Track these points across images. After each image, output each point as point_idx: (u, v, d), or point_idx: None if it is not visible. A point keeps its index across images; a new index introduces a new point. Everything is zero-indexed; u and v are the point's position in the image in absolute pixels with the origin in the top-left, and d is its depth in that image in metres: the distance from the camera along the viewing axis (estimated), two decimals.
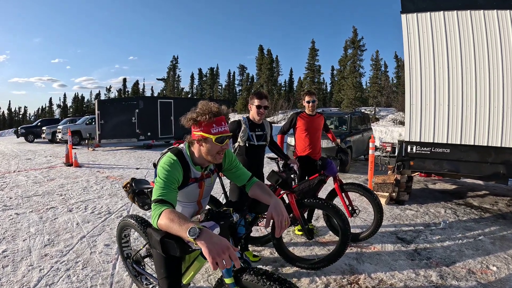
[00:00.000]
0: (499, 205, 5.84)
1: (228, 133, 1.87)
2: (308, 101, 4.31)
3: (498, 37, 5.09)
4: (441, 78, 5.41)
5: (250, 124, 3.41)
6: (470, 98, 5.25)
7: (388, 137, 19.37)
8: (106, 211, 5.26)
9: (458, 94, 5.31)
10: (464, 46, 5.30)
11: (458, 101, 5.31)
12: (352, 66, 37.02)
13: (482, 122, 5.19)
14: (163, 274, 1.89)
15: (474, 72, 5.22)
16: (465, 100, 5.28)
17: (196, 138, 1.86)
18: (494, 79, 5.11)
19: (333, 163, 3.85)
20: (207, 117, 1.80)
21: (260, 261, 3.55)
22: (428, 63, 5.49)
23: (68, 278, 3.11)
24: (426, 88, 5.50)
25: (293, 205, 3.30)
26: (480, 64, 5.20)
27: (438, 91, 5.44)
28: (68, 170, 9.45)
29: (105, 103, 17.90)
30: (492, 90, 5.12)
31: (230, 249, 1.36)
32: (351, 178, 8.19)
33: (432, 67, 5.46)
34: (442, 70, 5.41)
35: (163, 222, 1.53)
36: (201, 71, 61.73)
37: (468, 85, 5.26)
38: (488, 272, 3.35)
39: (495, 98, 5.10)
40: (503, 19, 5.07)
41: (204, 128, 1.82)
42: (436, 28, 5.48)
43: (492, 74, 5.11)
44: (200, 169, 1.97)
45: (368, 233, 4.00)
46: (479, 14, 5.21)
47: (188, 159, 1.92)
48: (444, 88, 5.39)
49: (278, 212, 1.78)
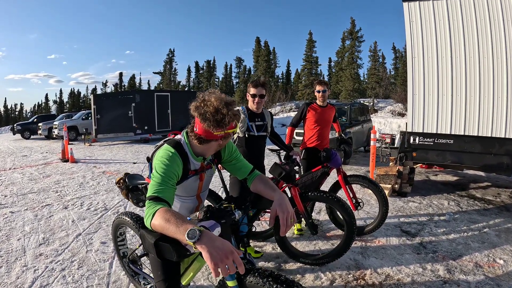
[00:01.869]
0: (502, 197, 5.76)
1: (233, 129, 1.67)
2: (319, 91, 4.18)
3: (502, 25, 4.96)
4: (444, 68, 5.29)
5: (249, 114, 3.28)
6: (474, 88, 5.13)
7: (387, 129, 19.28)
8: (103, 207, 5.14)
9: (462, 83, 5.19)
10: (467, 35, 5.17)
11: (461, 91, 5.20)
12: (350, 57, 36.74)
13: (486, 112, 5.08)
14: (160, 277, 1.76)
15: (478, 61, 5.10)
16: (468, 90, 5.16)
17: (202, 129, 1.66)
18: (498, 68, 4.99)
19: (337, 155, 3.73)
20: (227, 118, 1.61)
21: (262, 257, 3.45)
22: (431, 52, 5.36)
23: (63, 279, 3.00)
24: (429, 78, 5.38)
25: (296, 199, 3.18)
26: (484, 53, 5.07)
27: (441, 80, 5.32)
28: (64, 166, 9.31)
29: (101, 97, 17.68)
30: (496, 79, 5.00)
31: (234, 253, 1.22)
32: (351, 170, 8.09)
33: (435, 56, 5.34)
34: (445, 59, 5.29)
35: (158, 222, 1.37)
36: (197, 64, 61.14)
37: (471, 74, 5.14)
38: (496, 266, 3.26)
39: (499, 88, 4.99)
40: (507, 7, 4.93)
41: None
42: (438, 16, 5.34)
43: (496, 63, 4.99)
44: (201, 159, 1.82)
45: (373, 226, 3.90)
46: (483, 2, 5.07)
47: (187, 150, 1.76)
48: (447, 78, 5.27)
49: (283, 208, 1.63)
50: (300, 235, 4.03)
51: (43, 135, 19.53)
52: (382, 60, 41.35)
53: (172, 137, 1.87)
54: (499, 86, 4.99)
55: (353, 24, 37.08)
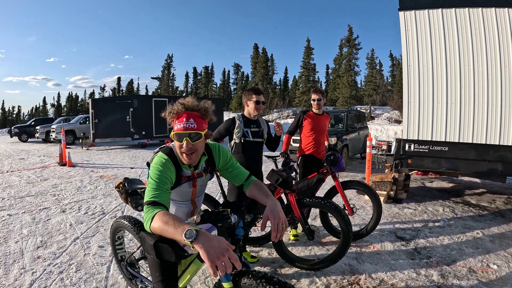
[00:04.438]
0: (496, 203, 5.82)
1: (189, 130, 1.71)
2: (314, 99, 4.25)
3: (496, 34, 5.07)
4: (439, 76, 5.38)
5: (244, 121, 3.34)
6: (468, 95, 5.22)
7: (384, 136, 19.40)
8: (100, 212, 5.16)
9: (456, 91, 5.28)
10: (462, 44, 5.27)
11: (456, 99, 5.28)
12: (348, 64, 37.02)
13: (480, 120, 5.16)
14: (158, 278, 1.80)
15: (472, 69, 5.19)
16: (463, 98, 5.25)
17: (171, 136, 1.79)
18: (492, 77, 5.09)
19: (342, 160, 3.80)
20: (172, 115, 1.75)
21: (258, 262, 3.48)
22: (426, 60, 5.45)
23: (61, 282, 3.02)
24: (424, 86, 5.47)
25: (293, 205, 3.23)
26: (478, 61, 5.17)
27: (436, 89, 5.40)
28: (61, 169, 9.31)
29: (99, 102, 17.72)
30: (490, 87, 5.10)
31: (229, 251, 1.27)
32: (347, 176, 8.14)
33: (430, 64, 5.43)
34: (440, 67, 5.38)
35: (157, 225, 1.44)
36: (195, 70, 61.42)
37: (466, 82, 5.23)
38: (489, 271, 3.31)
39: (493, 96, 5.08)
40: (501, 17, 5.04)
41: (173, 126, 1.76)
42: (434, 25, 5.44)
43: (490, 71, 5.09)
44: (188, 167, 1.88)
45: (370, 227, 4.01)
46: (477, 12, 5.18)
47: (178, 158, 1.84)
48: (442, 86, 5.36)
49: (274, 214, 1.67)
50: (296, 241, 4.07)
51: (41, 138, 19.47)
52: (379, 67, 41.72)
53: (167, 145, 1.93)
54: (493, 94, 5.08)
55: (350, 31, 37.44)
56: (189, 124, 1.71)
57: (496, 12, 5.08)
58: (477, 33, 5.19)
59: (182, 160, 1.81)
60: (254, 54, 48.47)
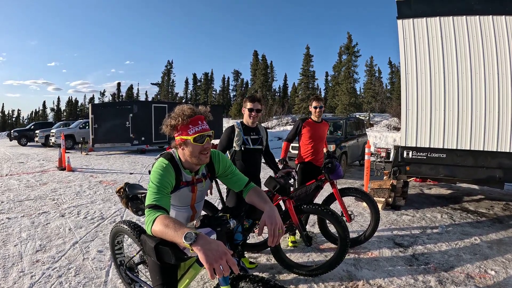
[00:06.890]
0: (495, 209, 5.85)
1: (207, 131, 1.84)
2: (315, 107, 4.28)
3: (494, 42, 5.13)
4: (437, 83, 5.43)
5: (244, 128, 3.37)
6: (466, 103, 5.26)
7: (383, 143, 19.43)
8: (99, 217, 5.17)
9: (454, 99, 5.33)
10: (460, 52, 5.33)
11: (454, 106, 5.33)
12: (347, 71, 37.14)
13: (478, 126, 5.20)
14: (158, 281, 1.83)
15: (470, 77, 5.25)
16: (461, 105, 5.29)
17: (178, 143, 1.86)
18: (489, 84, 5.14)
19: (340, 167, 3.82)
20: (180, 120, 1.80)
21: (257, 268, 3.49)
22: (424, 68, 5.50)
23: (60, 285, 3.03)
24: (422, 93, 5.51)
25: (291, 211, 3.25)
26: (476, 69, 5.22)
27: (434, 96, 5.45)
28: (61, 174, 9.33)
29: (99, 107, 17.75)
30: (487, 95, 5.15)
31: (227, 254, 1.31)
32: (346, 183, 8.16)
33: (428, 72, 5.48)
34: (438, 75, 5.43)
35: (158, 228, 1.48)
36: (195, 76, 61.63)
37: (463, 90, 5.28)
38: (487, 277, 3.33)
39: (491, 103, 5.13)
40: (498, 25, 5.11)
41: (182, 131, 1.83)
42: (432, 33, 5.50)
43: (488, 79, 5.14)
44: (189, 173, 1.94)
45: (369, 233, 4.01)
46: (475, 20, 5.25)
47: (178, 163, 1.90)
48: (440, 93, 5.40)
49: (271, 220, 1.71)
50: (294, 247, 4.09)
51: (40, 143, 19.49)
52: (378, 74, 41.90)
53: (168, 151, 1.99)
54: (491, 101, 5.13)
55: (349, 39, 37.58)
56: (205, 126, 1.85)
57: (494, 20, 5.15)
58: (474, 40, 5.25)
59: (199, 162, 1.88)
60: (253, 61, 48.66)
